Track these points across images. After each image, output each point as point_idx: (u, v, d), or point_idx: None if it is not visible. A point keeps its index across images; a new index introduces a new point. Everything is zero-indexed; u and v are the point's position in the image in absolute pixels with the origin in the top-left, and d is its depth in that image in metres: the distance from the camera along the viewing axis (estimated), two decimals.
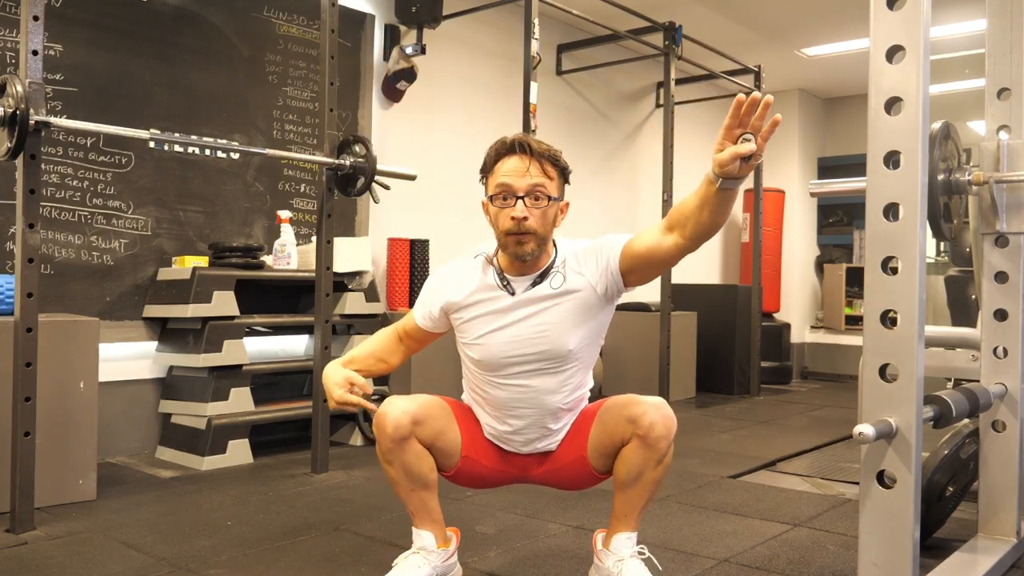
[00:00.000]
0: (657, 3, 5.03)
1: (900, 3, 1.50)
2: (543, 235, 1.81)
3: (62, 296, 3.24)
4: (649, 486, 1.82)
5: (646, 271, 1.83)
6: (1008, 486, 2.19)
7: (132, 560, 2.15)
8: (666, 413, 1.78)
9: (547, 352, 1.84)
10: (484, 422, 1.96)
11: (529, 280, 1.86)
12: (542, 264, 1.87)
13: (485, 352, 1.86)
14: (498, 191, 1.80)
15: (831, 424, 4.62)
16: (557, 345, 1.83)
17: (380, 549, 2.26)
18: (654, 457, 1.78)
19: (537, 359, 1.84)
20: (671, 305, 5.07)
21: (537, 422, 1.89)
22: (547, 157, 1.81)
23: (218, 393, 3.32)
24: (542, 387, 1.86)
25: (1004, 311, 2.20)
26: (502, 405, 1.89)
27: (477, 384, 1.93)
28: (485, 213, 1.87)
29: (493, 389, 1.89)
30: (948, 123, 1.98)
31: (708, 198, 1.66)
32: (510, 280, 1.87)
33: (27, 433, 2.35)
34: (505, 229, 1.80)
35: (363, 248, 3.91)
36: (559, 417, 1.91)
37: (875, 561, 1.51)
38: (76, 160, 3.29)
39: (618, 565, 1.83)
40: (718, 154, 1.60)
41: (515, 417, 1.89)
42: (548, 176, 1.80)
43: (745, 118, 1.56)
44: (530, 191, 1.78)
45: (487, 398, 1.92)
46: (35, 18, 2.34)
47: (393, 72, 4.37)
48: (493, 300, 1.87)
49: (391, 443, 1.80)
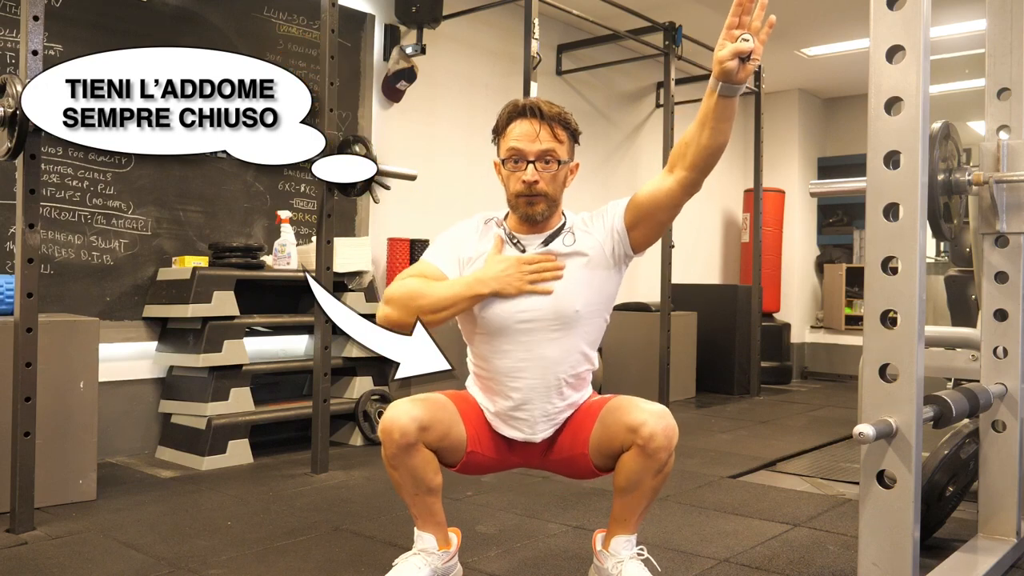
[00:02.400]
0: (657, 3, 5.03)
1: (900, 3, 1.50)
2: (553, 197, 1.85)
3: (62, 296, 3.24)
4: (648, 493, 1.82)
5: (651, 223, 1.86)
6: (1008, 486, 2.19)
7: (132, 560, 2.15)
8: (668, 424, 1.76)
9: (553, 311, 1.83)
10: (490, 404, 1.93)
11: (540, 239, 1.88)
12: (553, 224, 1.89)
13: (492, 312, 1.84)
14: (509, 155, 1.83)
15: (831, 424, 4.62)
16: (564, 304, 1.83)
17: (380, 549, 2.26)
18: (654, 466, 1.77)
19: (543, 319, 1.84)
20: (671, 305, 5.07)
21: (542, 396, 1.87)
22: (557, 120, 1.83)
23: (218, 393, 3.32)
24: (547, 355, 1.85)
25: (1004, 311, 2.20)
26: (507, 375, 1.87)
27: (481, 356, 1.91)
28: (497, 173, 1.90)
29: (497, 359, 1.87)
30: (948, 123, 1.98)
31: (707, 112, 1.70)
32: (520, 239, 1.88)
33: (27, 433, 2.35)
34: (516, 192, 1.83)
35: (363, 248, 3.91)
36: (564, 393, 1.89)
37: (875, 561, 1.51)
38: (76, 160, 3.29)
39: (617, 567, 1.83)
40: (719, 52, 1.62)
41: (520, 390, 1.87)
42: (558, 140, 1.83)
43: (744, 17, 1.60)
44: (540, 155, 1.81)
45: (491, 371, 1.90)
46: (35, 18, 2.34)
47: (393, 72, 4.38)
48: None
49: (397, 449, 1.78)
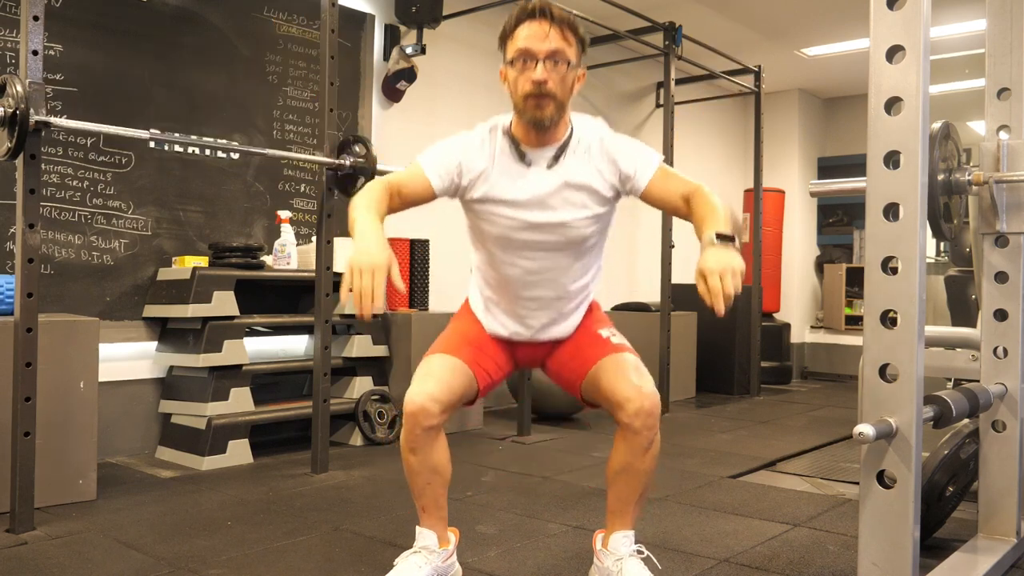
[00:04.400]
0: (657, 3, 5.03)
1: (900, 3, 1.50)
2: (561, 99, 1.82)
3: (62, 296, 3.24)
4: (640, 477, 1.82)
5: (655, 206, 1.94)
6: (1008, 486, 2.19)
7: (132, 560, 2.15)
8: (651, 403, 1.77)
9: (564, 234, 1.86)
10: (496, 307, 1.93)
11: (545, 155, 1.86)
12: (560, 135, 1.88)
13: (501, 230, 1.86)
14: (518, 55, 1.80)
15: (831, 424, 4.62)
16: (574, 231, 1.86)
17: (380, 549, 2.26)
18: (641, 443, 1.78)
19: (551, 240, 1.86)
20: (671, 305, 5.07)
21: (550, 304, 1.90)
22: (567, 23, 1.82)
23: (218, 393, 3.32)
24: (557, 266, 1.88)
25: (1004, 311, 2.20)
26: (516, 283, 1.89)
27: (489, 265, 1.92)
28: (503, 81, 1.88)
29: (507, 268, 1.89)
30: (948, 123, 1.98)
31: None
32: (526, 152, 1.87)
33: (27, 433, 2.35)
34: (524, 93, 1.80)
35: None
36: (573, 298, 1.92)
37: (875, 561, 1.51)
38: (76, 160, 3.29)
39: (617, 564, 1.84)
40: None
41: (530, 299, 1.89)
42: (567, 42, 1.82)
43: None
44: (550, 55, 1.79)
45: (500, 280, 1.90)
46: (35, 18, 2.34)
47: (393, 72, 4.38)
48: (510, 173, 1.86)
49: (420, 431, 1.78)
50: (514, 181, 1.86)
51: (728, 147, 7.33)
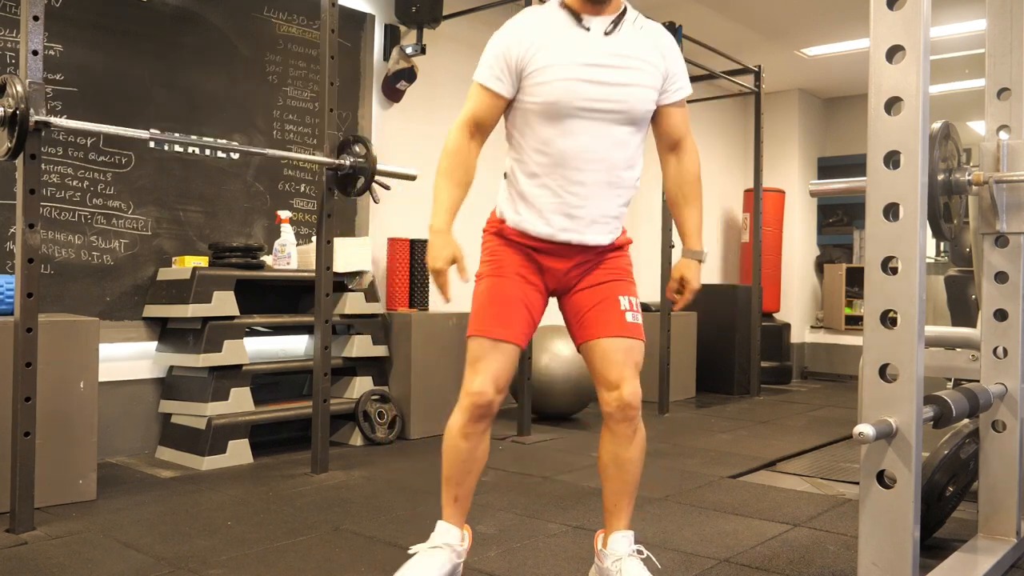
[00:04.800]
0: (657, 3, 5.04)
1: (900, 3, 1.50)
2: None
3: (62, 296, 3.24)
4: (630, 469, 1.86)
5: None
6: (1008, 486, 2.19)
7: (132, 560, 2.15)
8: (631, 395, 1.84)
9: (623, 98, 1.84)
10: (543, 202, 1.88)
11: (604, 22, 1.87)
12: (616, 7, 1.89)
13: (561, 94, 1.81)
14: None
15: (831, 424, 4.62)
16: (634, 102, 1.86)
17: (380, 549, 2.26)
18: (626, 432, 1.85)
19: (611, 104, 1.84)
20: (671, 305, 5.06)
21: (603, 191, 1.87)
22: None
23: (218, 393, 3.32)
24: (613, 141, 1.86)
25: (1004, 311, 2.20)
26: (574, 158, 1.84)
27: (541, 150, 1.86)
28: None
29: (563, 142, 1.84)
30: (948, 123, 1.98)
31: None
32: (584, 17, 1.86)
33: (27, 433, 2.35)
34: None
35: (363, 248, 3.91)
36: (621, 187, 1.90)
37: (875, 561, 1.51)
38: (76, 160, 3.29)
39: (617, 564, 1.84)
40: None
41: (582, 183, 1.85)
42: None
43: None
44: None
45: (552, 162, 1.85)
46: (35, 18, 2.34)
47: (393, 72, 4.38)
48: (570, 36, 1.85)
49: (481, 419, 1.85)
50: (575, 42, 1.85)
51: (728, 147, 7.34)
